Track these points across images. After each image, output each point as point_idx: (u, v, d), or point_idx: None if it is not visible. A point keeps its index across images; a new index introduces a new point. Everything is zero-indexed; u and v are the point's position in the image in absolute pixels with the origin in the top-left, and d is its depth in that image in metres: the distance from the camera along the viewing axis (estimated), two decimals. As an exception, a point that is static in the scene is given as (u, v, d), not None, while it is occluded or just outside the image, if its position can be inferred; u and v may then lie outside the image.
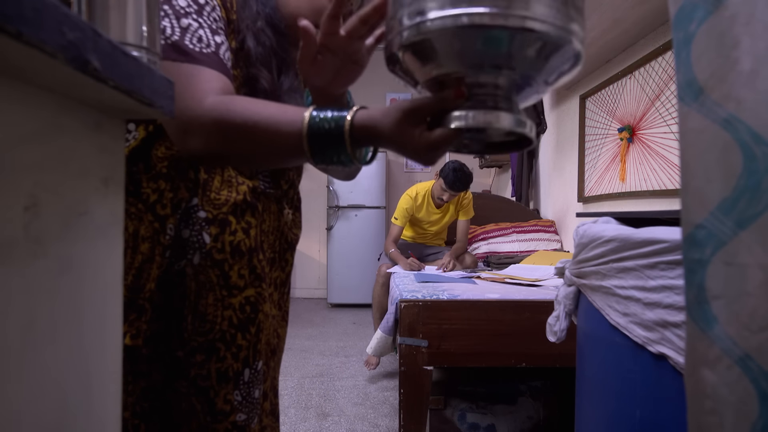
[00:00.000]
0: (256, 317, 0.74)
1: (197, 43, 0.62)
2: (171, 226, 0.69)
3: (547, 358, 1.61)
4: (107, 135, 0.44)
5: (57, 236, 0.36)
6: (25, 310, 0.33)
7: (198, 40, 0.63)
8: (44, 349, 0.35)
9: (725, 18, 0.45)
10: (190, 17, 0.63)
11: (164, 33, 0.60)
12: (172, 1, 0.62)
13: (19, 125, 0.32)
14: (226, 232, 0.71)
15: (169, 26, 0.61)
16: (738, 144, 0.44)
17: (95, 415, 0.43)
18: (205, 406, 0.70)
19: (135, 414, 0.68)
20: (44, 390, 0.36)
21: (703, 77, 0.47)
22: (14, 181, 0.32)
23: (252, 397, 0.75)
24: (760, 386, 0.43)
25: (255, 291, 0.74)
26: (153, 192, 0.68)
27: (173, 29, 0.61)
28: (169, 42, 0.61)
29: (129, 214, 0.67)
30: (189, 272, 0.69)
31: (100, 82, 0.34)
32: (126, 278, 0.66)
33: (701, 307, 0.47)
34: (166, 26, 0.61)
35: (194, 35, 0.63)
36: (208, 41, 0.64)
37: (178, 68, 0.60)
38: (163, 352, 0.69)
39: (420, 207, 2.94)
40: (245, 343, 0.73)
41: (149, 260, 0.68)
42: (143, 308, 0.67)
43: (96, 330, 0.43)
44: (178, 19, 0.62)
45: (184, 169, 0.70)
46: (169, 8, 0.62)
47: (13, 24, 0.25)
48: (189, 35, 0.62)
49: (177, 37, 0.61)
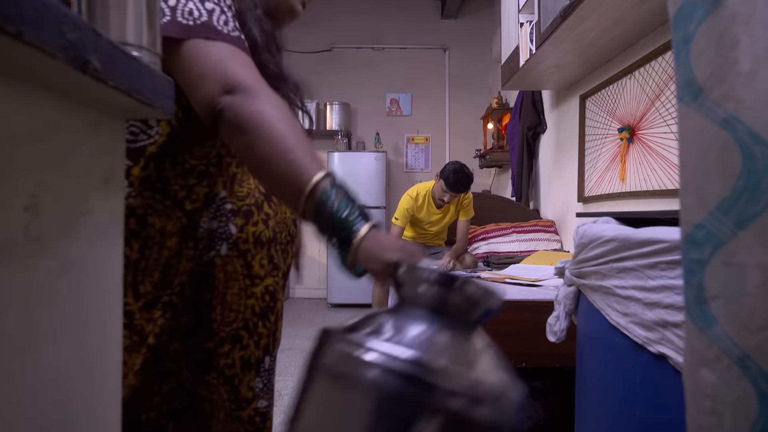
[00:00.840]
0: (275, 306, 0.76)
1: (224, 26, 0.63)
2: (206, 219, 0.70)
3: (547, 358, 1.61)
4: (107, 135, 0.44)
5: (57, 236, 0.36)
6: (25, 310, 0.33)
7: (224, 23, 0.63)
8: (44, 348, 0.35)
9: (724, 18, 0.45)
10: (212, 2, 0.63)
11: (192, 15, 0.60)
12: None
13: (19, 125, 0.32)
14: (250, 223, 0.73)
15: (195, 9, 0.61)
16: (737, 144, 0.44)
17: (95, 414, 0.43)
18: (231, 394, 0.71)
19: (163, 414, 0.69)
20: (44, 390, 0.36)
21: (702, 77, 0.47)
22: (14, 181, 0.32)
23: (271, 384, 0.77)
24: (759, 386, 0.43)
25: (273, 280, 0.76)
26: (181, 188, 0.69)
27: (200, 11, 0.61)
28: (198, 22, 0.60)
29: (156, 210, 0.68)
30: (218, 263, 0.70)
31: (100, 82, 0.34)
32: (153, 275, 0.67)
33: (700, 307, 0.47)
34: (192, 8, 0.61)
35: (220, 18, 0.62)
36: (234, 26, 0.64)
37: (214, 45, 0.60)
38: (192, 347, 0.70)
39: (421, 207, 2.94)
40: (265, 331, 0.74)
41: (177, 255, 0.68)
42: (170, 303, 0.68)
43: (96, 330, 0.43)
44: (202, 3, 0.62)
45: (226, 165, 0.72)
46: None
47: (13, 24, 0.25)
48: (215, 17, 0.62)
49: (206, 18, 0.61)
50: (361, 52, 5.38)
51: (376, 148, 5.16)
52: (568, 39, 2.18)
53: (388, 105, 5.38)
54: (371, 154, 4.80)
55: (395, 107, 5.39)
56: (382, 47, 5.37)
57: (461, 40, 5.35)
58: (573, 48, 2.30)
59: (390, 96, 5.38)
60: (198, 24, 0.60)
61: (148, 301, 0.67)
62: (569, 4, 1.90)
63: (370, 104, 5.37)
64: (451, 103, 5.37)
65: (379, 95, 5.38)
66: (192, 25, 0.60)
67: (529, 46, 2.54)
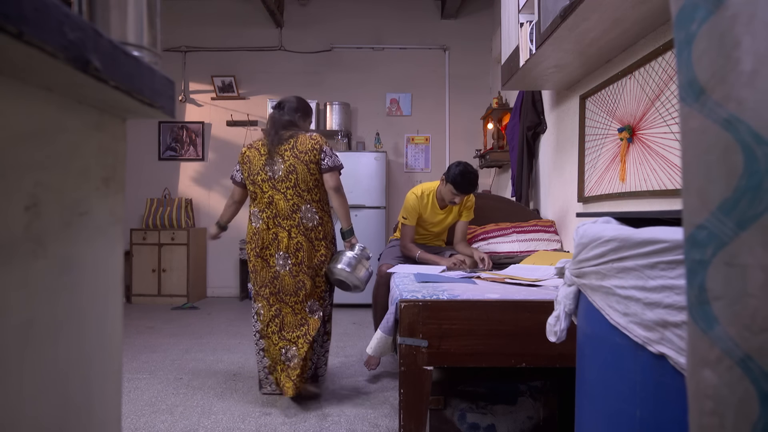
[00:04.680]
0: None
1: None
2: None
3: (547, 358, 1.61)
4: (108, 135, 0.44)
5: (57, 236, 0.36)
6: (25, 310, 0.33)
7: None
8: (45, 348, 0.35)
9: (726, 18, 0.45)
10: None
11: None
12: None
13: (19, 125, 0.32)
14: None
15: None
16: (739, 144, 0.44)
17: (96, 414, 0.43)
18: None
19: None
20: (45, 389, 0.36)
21: (704, 77, 0.47)
22: (15, 181, 0.32)
23: None
24: (760, 387, 0.43)
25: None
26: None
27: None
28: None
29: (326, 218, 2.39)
30: None
31: (101, 82, 0.34)
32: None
33: (702, 307, 0.47)
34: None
35: None
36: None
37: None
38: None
39: (425, 207, 2.94)
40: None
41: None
42: None
43: (96, 330, 0.43)
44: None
45: None
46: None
47: (15, 24, 0.25)
48: None
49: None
50: (361, 52, 5.38)
51: (376, 148, 5.16)
52: (568, 39, 2.18)
53: (388, 105, 5.38)
54: (371, 154, 4.80)
55: (395, 107, 5.38)
56: (382, 47, 5.37)
57: (461, 40, 5.36)
58: (573, 48, 2.30)
59: (390, 96, 5.38)
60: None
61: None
62: (569, 4, 1.90)
63: (370, 104, 5.37)
64: (451, 104, 5.37)
65: (379, 95, 5.38)
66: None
67: (529, 46, 2.54)
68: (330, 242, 2.40)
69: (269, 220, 2.31)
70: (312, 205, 2.30)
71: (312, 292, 2.32)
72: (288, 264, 2.29)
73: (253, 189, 2.35)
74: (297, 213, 2.28)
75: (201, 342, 3.44)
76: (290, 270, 2.29)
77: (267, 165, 2.30)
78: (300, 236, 2.29)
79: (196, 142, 5.37)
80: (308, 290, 2.31)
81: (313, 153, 2.29)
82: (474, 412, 1.84)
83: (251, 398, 2.40)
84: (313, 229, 2.31)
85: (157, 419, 2.16)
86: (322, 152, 2.30)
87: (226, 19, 5.36)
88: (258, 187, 2.32)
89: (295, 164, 2.27)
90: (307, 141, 2.30)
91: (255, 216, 2.35)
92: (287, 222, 2.29)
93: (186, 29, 5.32)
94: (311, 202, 2.30)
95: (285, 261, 2.29)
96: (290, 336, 2.31)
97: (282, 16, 5.28)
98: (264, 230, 2.31)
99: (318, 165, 2.30)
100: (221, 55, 5.35)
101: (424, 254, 2.87)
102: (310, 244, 2.30)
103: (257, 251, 2.33)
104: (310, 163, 2.28)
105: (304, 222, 2.29)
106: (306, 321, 2.32)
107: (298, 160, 2.27)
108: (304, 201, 2.29)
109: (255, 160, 2.33)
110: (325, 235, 2.36)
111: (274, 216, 2.30)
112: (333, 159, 2.32)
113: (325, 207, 2.40)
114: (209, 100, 5.38)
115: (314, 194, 2.32)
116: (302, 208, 2.29)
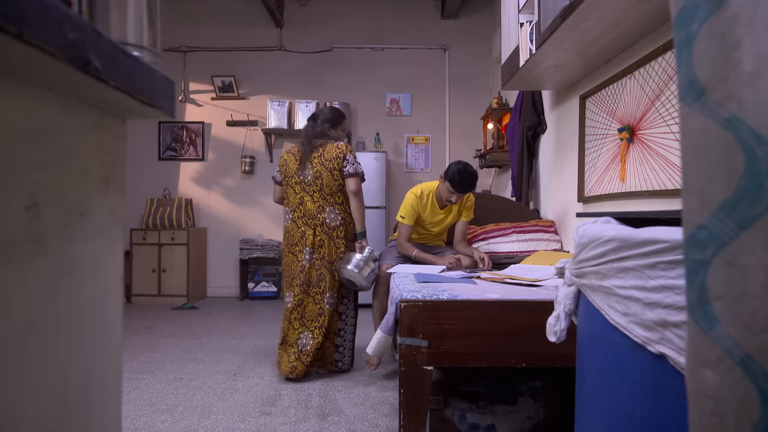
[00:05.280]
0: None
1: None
2: None
3: (547, 358, 1.61)
4: (108, 135, 0.44)
5: (57, 236, 0.36)
6: (25, 310, 0.33)
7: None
8: (44, 348, 0.35)
9: (727, 18, 0.45)
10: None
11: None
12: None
13: (19, 125, 0.32)
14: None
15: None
16: (740, 144, 0.44)
17: (96, 414, 0.43)
18: None
19: None
20: (45, 389, 0.36)
21: (704, 77, 0.47)
22: (15, 181, 0.32)
23: None
24: (761, 387, 0.43)
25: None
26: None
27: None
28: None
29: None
30: None
31: (101, 82, 0.34)
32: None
33: (702, 307, 0.47)
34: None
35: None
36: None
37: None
38: None
39: (425, 207, 2.93)
40: None
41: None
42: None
43: (96, 330, 0.43)
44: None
45: None
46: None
47: (14, 24, 0.25)
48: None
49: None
50: (361, 52, 5.38)
51: (376, 148, 5.16)
52: (568, 39, 2.18)
53: (388, 105, 5.38)
54: (371, 154, 4.80)
55: (395, 107, 5.38)
56: (382, 47, 5.37)
57: (461, 40, 5.36)
58: (573, 48, 2.30)
59: (390, 96, 5.38)
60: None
61: None
62: (569, 4, 1.90)
63: (370, 104, 5.37)
64: (451, 104, 5.37)
65: (379, 95, 5.38)
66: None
67: (529, 46, 2.54)
68: (350, 241, 2.70)
69: (298, 219, 2.66)
70: (335, 207, 2.63)
71: (331, 285, 2.64)
72: (313, 258, 2.63)
73: (287, 190, 2.71)
74: (322, 213, 2.62)
75: (201, 342, 3.44)
76: (314, 263, 2.63)
77: (299, 170, 2.65)
78: (323, 234, 2.62)
79: (196, 142, 5.36)
80: (328, 283, 2.62)
81: (338, 161, 2.60)
82: (474, 412, 1.84)
83: (251, 398, 2.40)
84: (335, 229, 2.63)
85: (157, 419, 2.16)
86: (344, 160, 2.61)
87: (226, 19, 5.36)
88: (291, 188, 2.68)
89: (321, 171, 2.60)
90: (333, 150, 2.62)
91: (286, 216, 2.72)
92: (313, 221, 2.63)
93: (186, 29, 5.32)
94: (334, 204, 2.63)
95: (311, 256, 2.63)
96: (309, 325, 2.62)
97: (282, 16, 5.28)
98: (294, 228, 2.67)
99: (341, 171, 2.61)
100: (221, 55, 5.35)
101: (421, 253, 2.87)
102: (331, 241, 2.62)
103: (288, 247, 2.69)
104: (334, 170, 2.60)
105: (327, 222, 2.62)
106: (323, 312, 2.62)
107: (323, 167, 2.60)
108: (329, 203, 2.62)
109: (291, 164, 2.68)
110: (345, 234, 2.67)
111: (302, 215, 2.65)
112: (354, 166, 2.62)
113: (348, 209, 2.70)
114: (209, 100, 5.38)
115: (337, 197, 2.64)
116: (326, 210, 2.62)
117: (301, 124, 4.95)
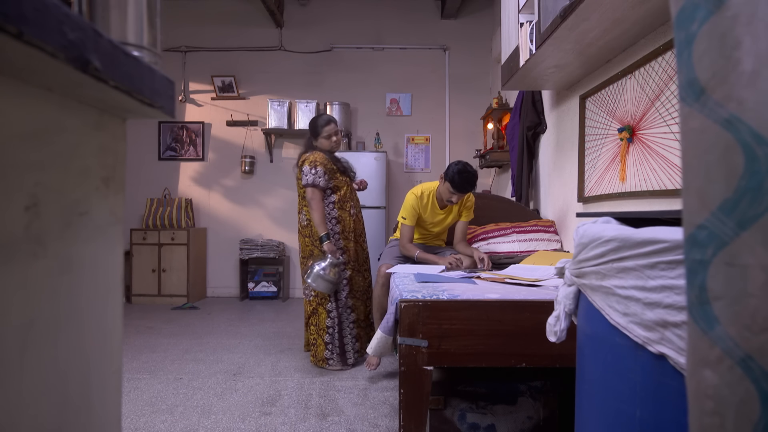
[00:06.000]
0: None
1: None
2: None
3: (547, 358, 1.61)
4: (108, 135, 0.44)
5: (57, 236, 0.36)
6: (25, 310, 0.33)
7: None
8: (44, 348, 0.35)
9: (727, 18, 0.45)
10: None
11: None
12: None
13: (19, 125, 0.32)
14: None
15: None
16: (739, 144, 0.44)
17: (96, 414, 0.43)
18: None
19: None
20: (45, 389, 0.36)
21: (704, 77, 0.47)
22: (15, 181, 0.32)
23: None
24: (761, 387, 0.43)
25: None
26: None
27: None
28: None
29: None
30: None
31: (101, 82, 0.34)
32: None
33: (702, 307, 0.47)
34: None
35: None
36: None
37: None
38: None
39: (425, 207, 2.93)
40: None
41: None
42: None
43: (96, 330, 0.43)
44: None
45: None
46: None
47: (15, 24, 0.25)
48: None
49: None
50: (361, 53, 5.38)
51: (376, 148, 5.16)
52: (568, 39, 2.18)
53: (388, 105, 5.38)
54: (371, 154, 4.80)
55: (395, 107, 5.38)
56: (382, 47, 5.37)
57: (461, 41, 5.36)
58: (573, 48, 2.30)
59: (390, 96, 5.38)
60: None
61: None
62: (569, 4, 1.90)
63: (370, 104, 5.37)
64: (451, 104, 5.37)
65: (379, 95, 5.38)
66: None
67: (529, 46, 2.54)
68: (316, 240, 3.02)
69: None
70: (303, 209, 3.01)
71: (302, 280, 3.07)
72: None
73: None
74: (299, 215, 3.05)
75: (201, 342, 3.44)
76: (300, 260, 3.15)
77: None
78: (298, 233, 3.09)
79: (196, 142, 5.36)
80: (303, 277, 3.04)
81: (299, 171, 2.97)
82: (474, 412, 1.84)
83: (251, 398, 2.40)
84: (304, 228, 3.02)
85: (157, 419, 2.16)
86: (302, 171, 2.91)
87: (226, 19, 5.36)
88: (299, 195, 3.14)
89: (297, 180, 3.01)
90: (302, 161, 2.94)
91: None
92: (297, 222, 3.10)
93: (186, 29, 5.32)
94: (303, 207, 3.01)
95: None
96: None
97: (282, 16, 5.28)
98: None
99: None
100: (221, 55, 5.35)
101: (423, 254, 2.87)
102: (301, 236, 3.05)
103: None
104: (298, 179, 2.99)
105: (300, 222, 3.05)
106: (304, 306, 3.04)
107: (297, 177, 3.00)
108: (302, 207, 3.02)
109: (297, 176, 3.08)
110: (310, 234, 3.00)
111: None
112: (306, 177, 2.87)
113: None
114: (209, 100, 5.38)
115: (305, 202, 2.99)
116: (302, 213, 3.02)
117: (301, 124, 4.96)
